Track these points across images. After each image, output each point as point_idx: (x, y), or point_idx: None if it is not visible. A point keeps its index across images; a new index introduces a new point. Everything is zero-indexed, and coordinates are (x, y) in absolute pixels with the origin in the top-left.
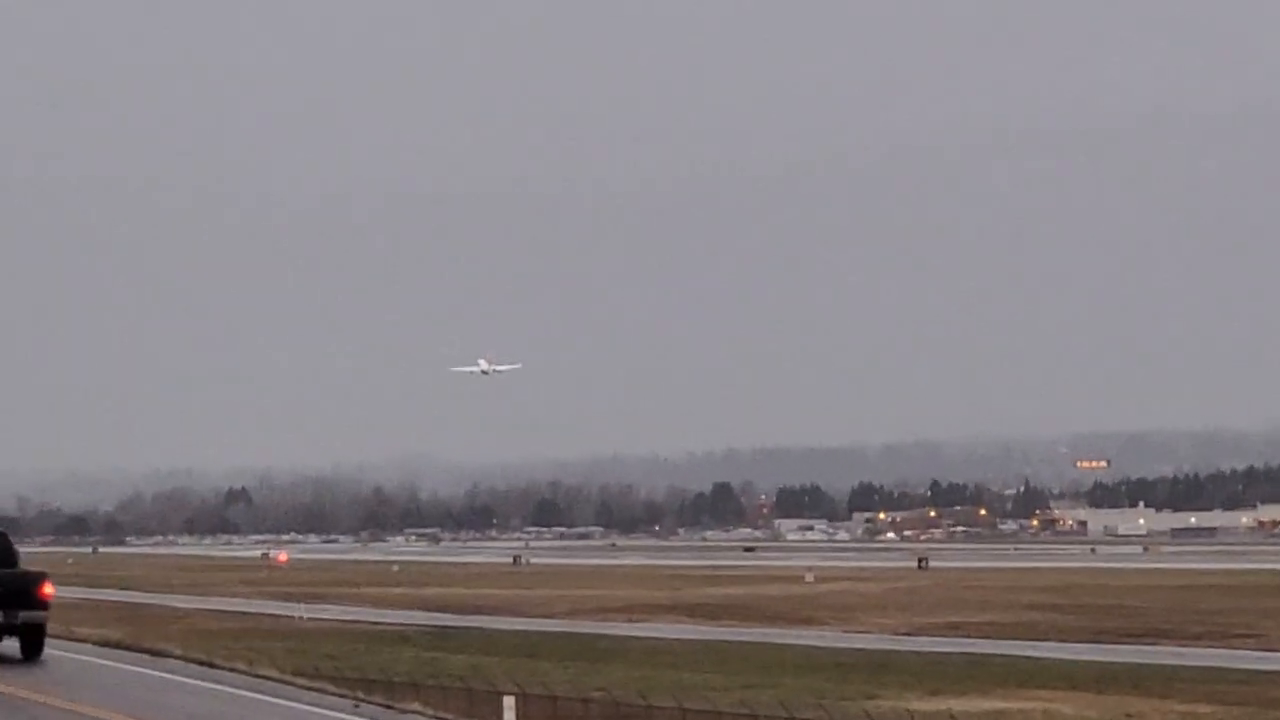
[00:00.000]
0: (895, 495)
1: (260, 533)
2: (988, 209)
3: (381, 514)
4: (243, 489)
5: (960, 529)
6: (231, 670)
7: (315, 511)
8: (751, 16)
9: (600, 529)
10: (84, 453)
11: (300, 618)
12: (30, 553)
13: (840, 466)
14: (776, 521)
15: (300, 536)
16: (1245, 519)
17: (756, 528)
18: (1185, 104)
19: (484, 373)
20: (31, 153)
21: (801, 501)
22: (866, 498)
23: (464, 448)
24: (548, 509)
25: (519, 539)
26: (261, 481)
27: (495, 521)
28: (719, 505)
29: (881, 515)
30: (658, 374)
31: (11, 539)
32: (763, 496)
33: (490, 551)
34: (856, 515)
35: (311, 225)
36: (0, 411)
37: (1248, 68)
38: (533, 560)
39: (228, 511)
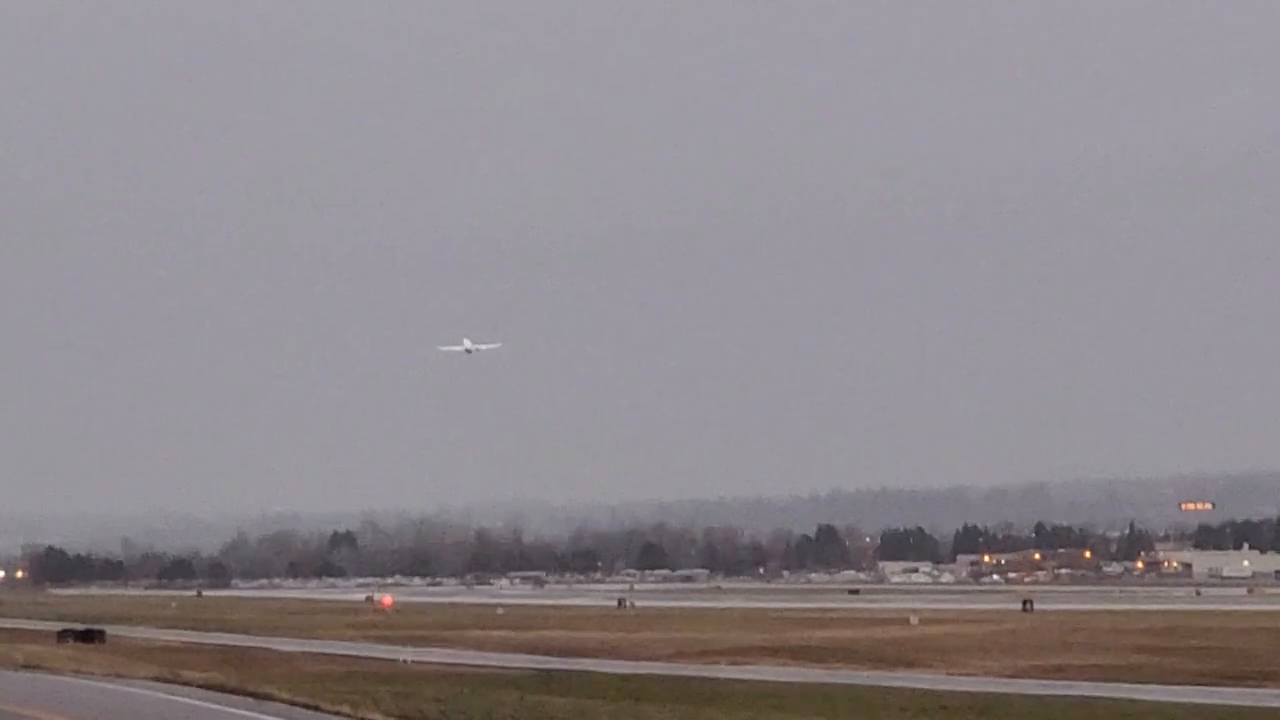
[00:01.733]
0: (1000, 538)
1: (365, 576)
2: (1090, 249)
3: (486, 557)
4: (347, 532)
5: (1065, 571)
6: (336, 714)
7: (420, 554)
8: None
9: (704, 571)
10: (189, 496)
11: (405, 661)
12: (134, 595)
13: (945, 509)
14: (881, 564)
15: (405, 579)
16: None
17: (861, 570)
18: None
19: (468, 351)
20: (150, 189)
21: (906, 544)
22: (971, 540)
23: (568, 490)
24: (652, 551)
25: (623, 581)
26: (366, 524)
27: (599, 564)
28: (823, 548)
29: (986, 558)
30: (762, 417)
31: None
32: (867, 539)
33: (594, 594)
34: (961, 558)
35: (412, 266)
36: (106, 456)
37: None
38: (637, 603)
39: (332, 554)
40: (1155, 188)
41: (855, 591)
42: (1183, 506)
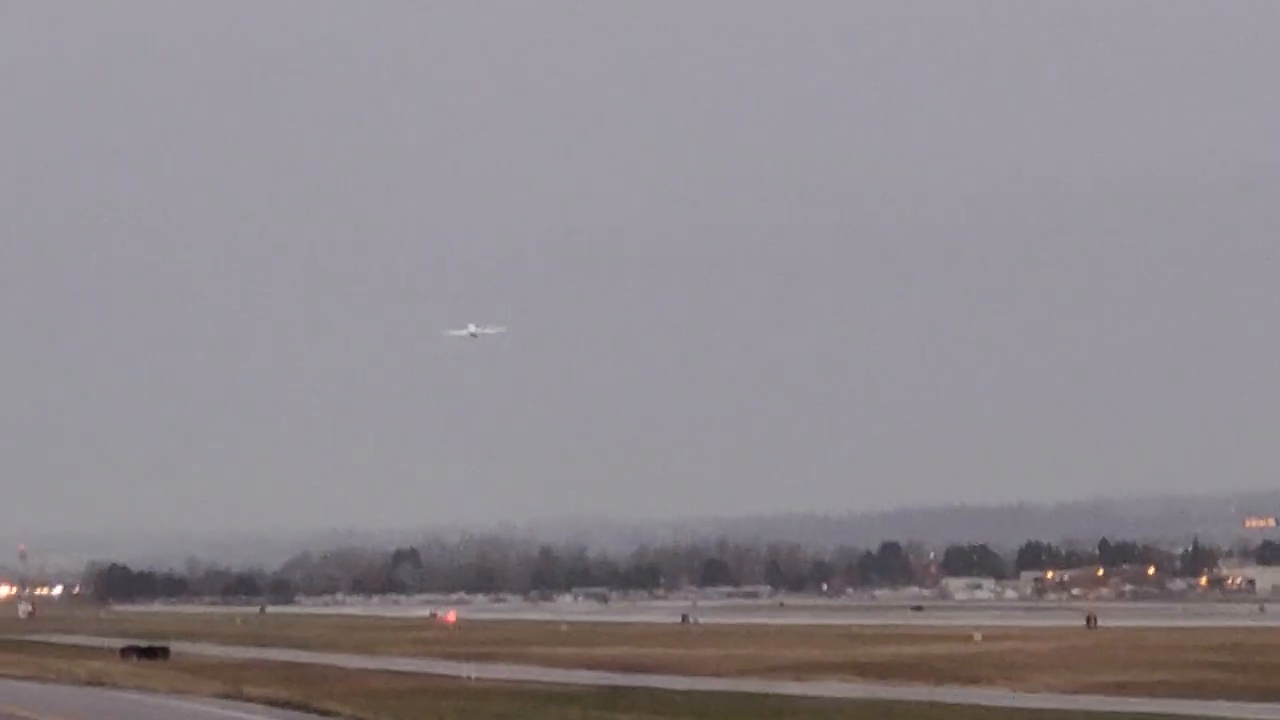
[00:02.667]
0: (1064, 554)
1: (428, 592)
2: (1151, 259)
3: (549, 573)
4: (411, 549)
5: (1129, 588)
6: None
7: (483, 571)
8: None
9: (768, 588)
10: (253, 513)
11: (469, 677)
12: (197, 612)
13: (1009, 525)
14: (945, 580)
15: (468, 596)
16: None
17: (925, 587)
18: None
19: (473, 335)
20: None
21: (970, 560)
22: (1035, 557)
23: (632, 507)
24: (716, 568)
25: (687, 598)
26: (430, 541)
27: (663, 581)
28: (887, 564)
29: (1050, 574)
30: (826, 432)
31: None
32: (931, 555)
33: (658, 611)
34: (1025, 574)
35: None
36: (170, 474)
37: None
38: (701, 619)
39: (396, 571)
40: (1212, 192)
41: (919, 608)
42: (1246, 523)
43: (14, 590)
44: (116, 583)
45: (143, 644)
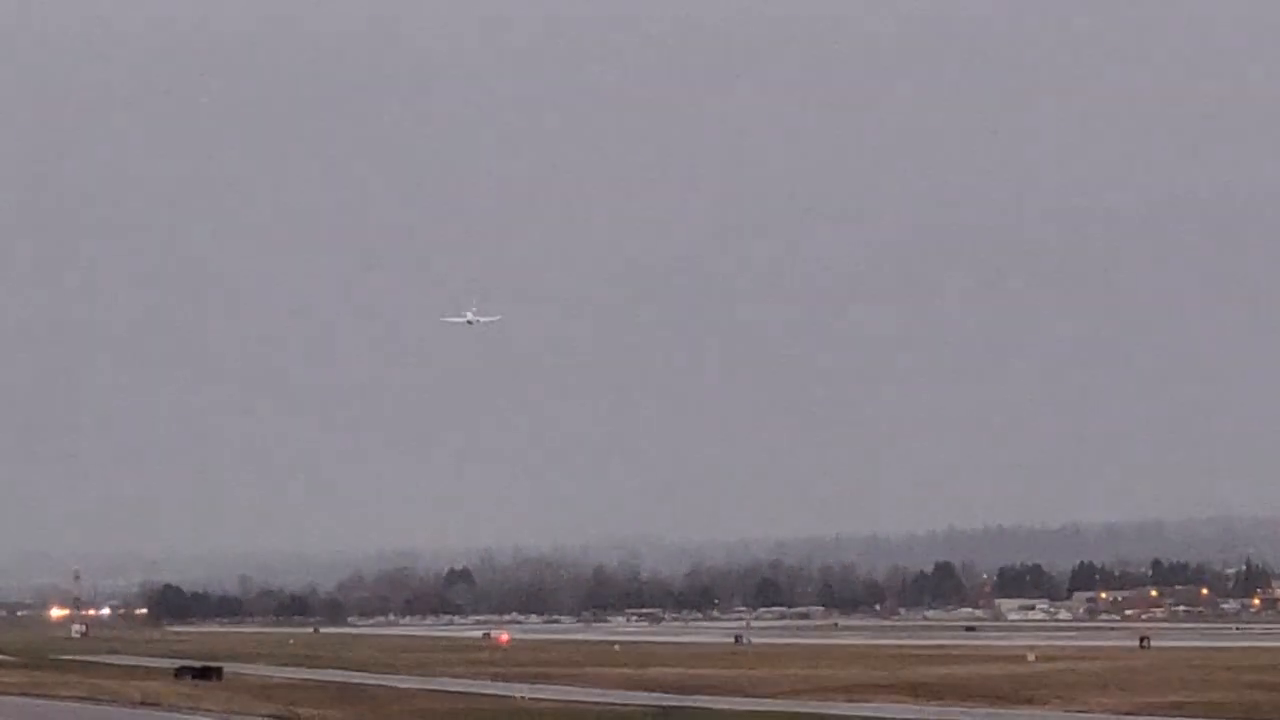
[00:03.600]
0: (1117, 575)
1: (481, 613)
2: (1197, 282)
3: (602, 594)
4: (464, 569)
5: (1182, 608)
6: None
7: (536, 592)
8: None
9: (821, 608)
10: (306, 534)
11: (521, 698)
12: (251, 633)
13: (1062, 546)
14: (998, 601)
15: (521, 617)
16: None
17: (978, 607)
18: None
19: (469, 322)
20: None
21: (1023, 581)
22: (1088, 577)
23: (685, 527)
24: (769, 589)
25: (740, 619)
26: (483, 561)
27: (716, 601)
28: (940, 585)
29: (1103, 595)
30: (879, 453)
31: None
32: (984, 576)
33: (711, 631)
34: (1078, 595)
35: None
36: (223, 495)
37: None
38: (754, 640)
39: (449, 591)
40: (1263, 222)
41: (972, 628)
42: None
43: (68, 611)
44: (170, 603)
45: (196, 665)
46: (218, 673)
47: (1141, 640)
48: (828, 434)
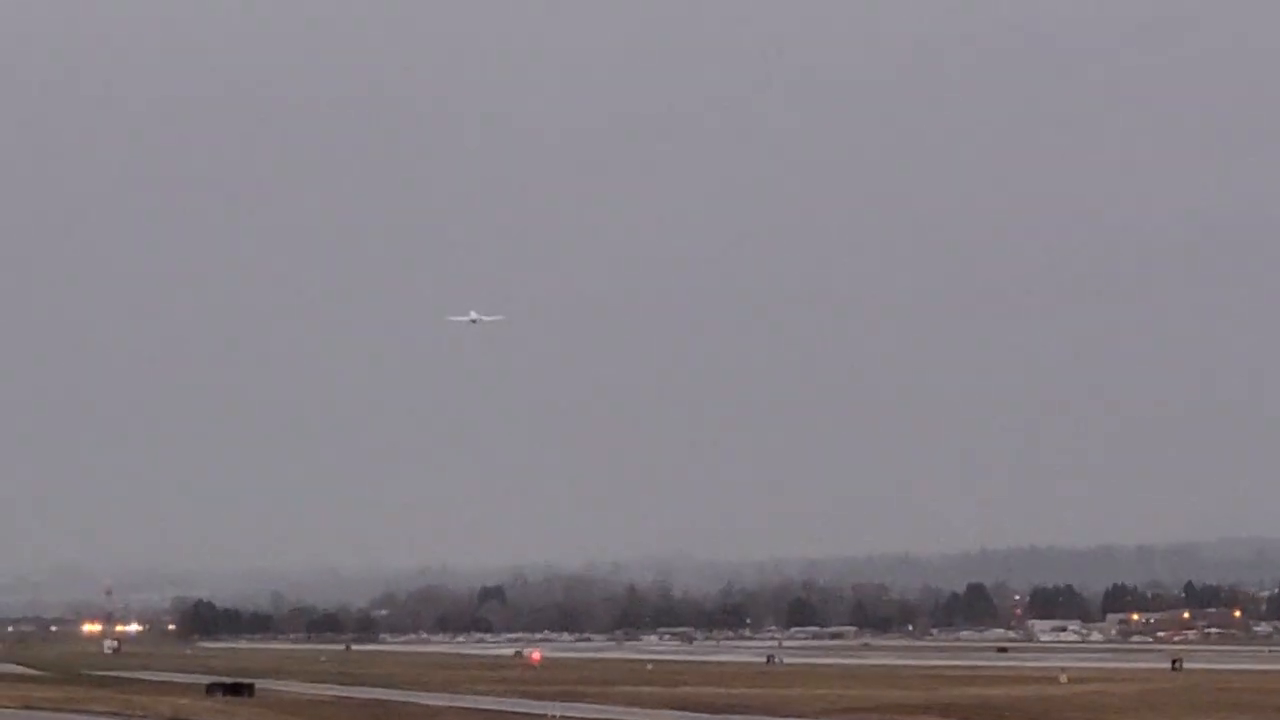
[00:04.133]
0: (1149, 597)
1: (514, 631)
2: (1238, 302)
3: (635, 613)
4: (497, 587)
5: (1215, 631)
6: None
7: (569, 610)
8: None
9: (853, 628)
10: (338, 551)
11: (553, 716)
12: (283, 649)
13: (1094, 567)
14: (1030, 622)
15: (554, 635)
16: None
17: (1010, 628)
18: None
19: (473, 322)
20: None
21: (1055, 602)
22: (1120, 599)
23: (718, 546)
24: (801, 608)
25: (772, 638)
26: (515, 579)
27: (749, 621)
28: (972, 606)
29: (1135, 616)
30: (910, 474)
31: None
32: (1016, 597)
33: (744, 651)
34: (1110, 616)
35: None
36: (255, 512)
37: None
38: (786, 659)
39: (481, 609)
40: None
41: (1004, 649)
42: None
43: (100, 627)
44: (202, 619)
45: (228, 681)
46: (249, 689)
47: (1174, 662)
48: (860, 453)
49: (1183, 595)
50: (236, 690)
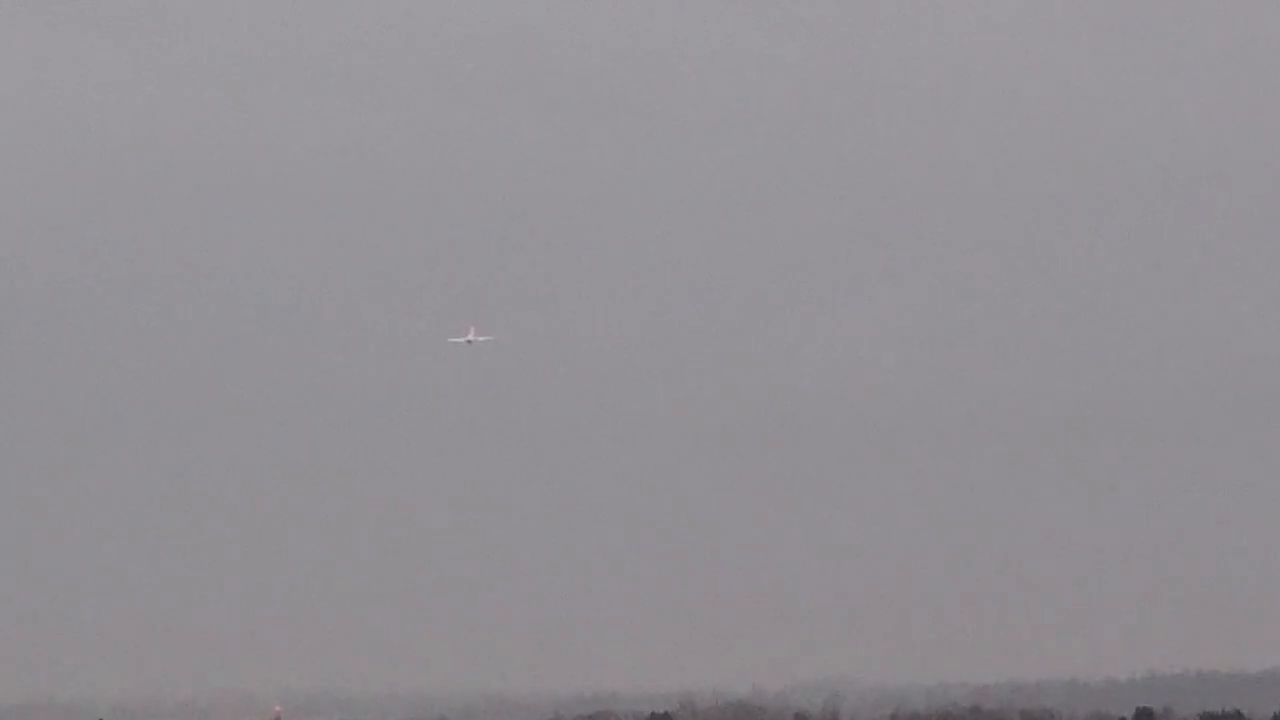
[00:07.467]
0: None
1: None
2: None
3: None
4: (664, 713)
5: None
6: None
7: None
8: None
9: None
10: (507, 676)
11: None
12: None
13: (1266, 691)
14: None
15: None
16: None
17: None
18: None
19: (469, 342)
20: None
21: None
22: None
23: (886, 669)
24: None
25: None
26: (682, 706)
27: None
28: None
29: None
30: (1077, 597)
31: None
32: None
33: None
34: None
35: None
36: (420, 636)
37: None
38: None
39: None
40: None
41: None
42: None
43: None
44: None
45: None
46: None
47: None
48: (1028, 579)
49: None
50: None
